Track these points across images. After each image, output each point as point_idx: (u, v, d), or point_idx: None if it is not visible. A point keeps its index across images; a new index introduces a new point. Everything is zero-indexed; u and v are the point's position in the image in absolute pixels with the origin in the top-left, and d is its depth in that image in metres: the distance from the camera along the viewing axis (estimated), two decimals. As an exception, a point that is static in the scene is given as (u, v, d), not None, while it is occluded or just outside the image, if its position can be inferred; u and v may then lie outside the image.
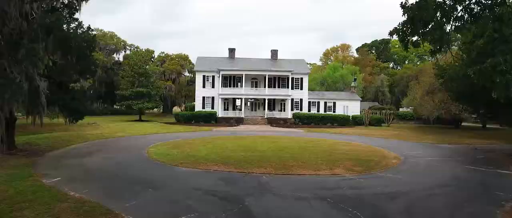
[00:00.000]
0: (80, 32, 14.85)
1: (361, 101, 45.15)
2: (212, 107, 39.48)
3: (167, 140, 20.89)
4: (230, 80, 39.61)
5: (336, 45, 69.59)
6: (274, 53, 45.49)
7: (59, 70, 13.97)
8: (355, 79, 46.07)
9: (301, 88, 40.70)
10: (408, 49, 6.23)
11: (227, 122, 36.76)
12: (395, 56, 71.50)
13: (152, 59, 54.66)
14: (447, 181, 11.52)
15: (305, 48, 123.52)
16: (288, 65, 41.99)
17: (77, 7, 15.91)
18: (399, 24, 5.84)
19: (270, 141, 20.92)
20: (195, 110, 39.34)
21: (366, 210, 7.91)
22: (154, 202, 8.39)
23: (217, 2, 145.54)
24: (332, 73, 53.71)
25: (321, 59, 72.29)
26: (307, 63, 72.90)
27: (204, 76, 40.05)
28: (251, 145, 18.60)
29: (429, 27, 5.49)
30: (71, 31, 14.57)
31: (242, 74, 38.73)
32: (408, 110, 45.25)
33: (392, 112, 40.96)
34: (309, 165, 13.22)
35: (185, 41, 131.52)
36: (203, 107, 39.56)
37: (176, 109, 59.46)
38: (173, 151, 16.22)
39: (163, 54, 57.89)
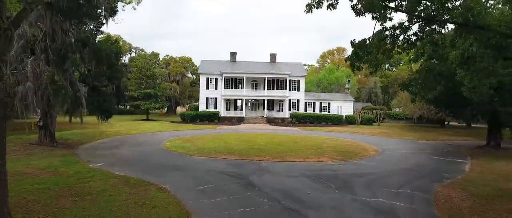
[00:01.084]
0: (109, 44, 17.69)
1: (354, 102, 48.07)
2: (215, 108, 42.38)
3: (178, 136, 23.75)
4: (232, 82, 42.49)
5: (332, 48, 72.53)
6: (273, 56, 48.38)
7: (93, 76, 16.83)
8: (348, 81, 48.96)
9: (298, 90, 43.61)
10: (359, 70, 8.88)
11: (229, 121, 39.66)
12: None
13: (158, 62, 57.47)
14: (410, 166, 14.40)
15: (305, 49, 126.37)
16: (286, 68, 44.87)
17: (104, 22, 18.83)
18: (349, 55, 8.65)
19: (269, 137, 23.78)
20: (199, 110, 42.22)
21: (337, 183, 10.81)
22: (180, 178, 11.25)
23: (218, 6, 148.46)
24: (327, 76, 56.61)
25: (318, 62, 75.27)
26: (305, 65, 75.97)
27: (207, 78, 42.92)
28: (252, 140, 21.46)
29: (365, 58, 8.28)
30: (102, 43, 17.42)
31: (243, 76, 41.64)
32: (399, 110, 48.22)
33: (382, 112, 43.90)
34: (300, 155, 16.12)
35: (185, 41, 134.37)
36: (207, 108, 42.45)
37: (180, 109, 62.26)
38: (186, 144, 19.09)
39: (168, 57, 60.80)
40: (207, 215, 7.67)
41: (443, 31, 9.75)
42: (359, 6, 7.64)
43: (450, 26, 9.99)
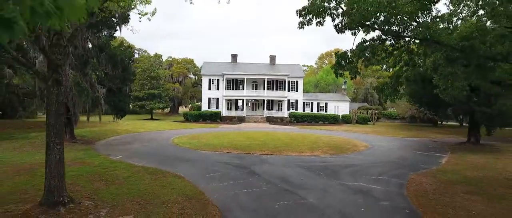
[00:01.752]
0: (123, 49, 19.47)
1: (351, 102, 49.87)
2: (217, 107, 44.17)
3: (184, 134, 25.53)
4: (233, 83, 44.28)
5: (330, 50, 74.26)
6: (272, 58, 50.19)
7: (109, 79, 18.60)
8: (345, 82, 50.73)
9: (297, 90, 45.42)
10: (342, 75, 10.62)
11: (231, 120, 41.46)
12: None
13: (161, 63, 59.24)
14: (393, 159, 16.20)
15: (304, 49, 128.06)
16: (285, 69, 46.64)
17: (117, 28, 20.62)
18: (334, 64, 10.45)
19: (268, 134, 25.56)
20: (202, 110, 44.00)
21: (326, 172, 12.61)
22: (191, 168, 13.03)
23: (218, 7, 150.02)
24: (325, 77, 58.40)
25: (316, 63, 77.10)
26: (305, 65, 77.81)
27: (209, 79, 44.70)
28: (253, 137, 23.24)
29: (346, 66, 10.05)
30: (116, 49, 19.20)
31: (244, 78, 43.44)
32: (391, 110, 50.04)
33: (377, 111, 45.69)
34: (296, 149, 17.91)
35: (185, 42, 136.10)
36: (209, 107, 44.24)
37: (182, 109, 64.00)
38: (193, 141, 20.88)
39: (171, 59, 62.62)
40: (217, 194, 9.45)
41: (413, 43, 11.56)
42: (340, 25, 9.40)
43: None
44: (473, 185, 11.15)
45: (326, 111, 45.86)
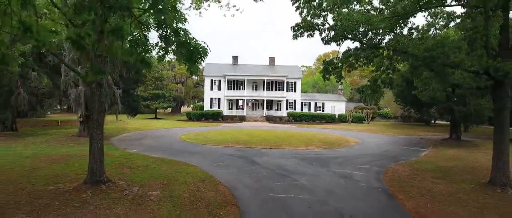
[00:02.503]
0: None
1: (347, 102, 51.86)
2: (219, 107, 46.15)
3: (190, 132, 27.48)
4: (234, 84, 46.25)
5: (328, 52, 76.28)
6: (272, 60, 52.20)
7: (123, 81, 20.55)
8: (341, 83, 52.66)
9: (295, 91, 47.41)
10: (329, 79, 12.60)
11: (232, 119, 43.44)
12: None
13: (164, 65, 61.11)
14: (378, 152, 18.16)
15: (304, 49, 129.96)
16: (284, 71, 48.61)
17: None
18: (321, 69, 12.38)
19: (268, 132, 27.52)
20: (204, 109, 45.96)
21: (318, 162, 14.59)
22: (200, 158, 14.98)
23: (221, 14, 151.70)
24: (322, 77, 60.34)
25: (314, 64, 79.11)
26: (303, 66, 79.82)
27: (211, 80, 46.66)
28: (253, 134, 25.20)
29: (333, 72, 12.00)
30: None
31: (244, 79, 45.42)
32: (388, 109, 52.03)
33: (371, 111, 47.70)
34: (292, 144, 19.88)
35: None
36: (211, 107, 46.21)
37: (184, 109, 65.92)
38: (198, 137, 22.84)
39: (174, 60, 64.36)
40: (224, 177, 11.41)
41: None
42: (326, 37, 11.34)
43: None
44: (441, 172, 13.12)
45: (323, 111, 47.86)
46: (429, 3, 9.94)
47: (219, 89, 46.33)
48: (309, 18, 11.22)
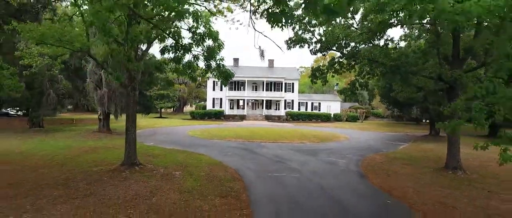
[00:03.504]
0: (148, 58, 24.00)
1: (343, 102, 54.49)
2: (220, 107, 48.77)
3: (195, 129, 30.09)
4: (235, 85, 48.86)
5: (325, 54, 78.87)
6: (271, 62, 54.84)
7: (139, 83, 23.10)
8: (337, 84, 55.41)
9: (293, 91, 50.04)
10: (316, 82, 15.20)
11: (233, 118, 46.08)
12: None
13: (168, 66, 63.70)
14: (362, 146, 20.78)
15: (303, 50, 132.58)
16: (282, 72, 51.23)
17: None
18: (310, 75, 14.91)
19: (267, 129, 30.16)
20: (207, 109, 48.59)
21: (309, 152, 17.23)
22: (209, 150, 17.59)
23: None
24: (320, 78, 63.06)
25: (312, 65, 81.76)
26: (302, 67, 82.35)
27: (214, 81, 49.22)
28: (253, 131, 27.83)
29: (319, 77, 14.59)
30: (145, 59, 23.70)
31: (245, 80, 48.05)
32: (380, 109, 54.74)
33: (365, 110, 50.39)
34: (288, 139, 22.52)
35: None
36: (213, 107, 48.83)
37: (187, 108, 68.49)
38: (204, 133, 25.46)
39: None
40: (230, 163, 14.00)
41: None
42: (313, 49, 13.94)
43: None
44: (410, 160, 15.76)
45: (319, 110, 50.51)
46: (391, 25, 12.51)
47: (221, 89, 48.92)
48: (300, 32, 13.84)
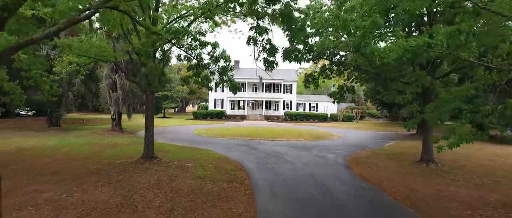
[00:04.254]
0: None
1: (339, 102, 56.57)
2: (222, 107, 50.86)
3: (199, 128, 32.18)
4: (236, 86, 50.89)
5: (316, 62, 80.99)
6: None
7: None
8: (334, 86, 57.41)
9: (291, 93, 52.16)
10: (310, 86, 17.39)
11: (234, 118, 48.18)
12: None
13: (171, 68, 65.87)
14: (353, 143, 22.88)
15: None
16: (281, 74, 53.18)
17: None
18: (304, 80, 16.92)
19: (266, 128, 32.25)
20: (209, 109, 50.69)
21: (303, 148, 19.33)
22: (214, 146, 19.67)
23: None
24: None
25: (310, 67, 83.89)
26: (301, 68, 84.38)
27: (215, 83, 51.28)
28: (254, 130, 29.91)
29: (311, 82, 16.70)
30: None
31: (245, 81, 50.13)
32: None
33: (360, 111, 52.54)
34: (286, 137, 24.61)
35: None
36: (215, 107, 50.92)
37: (188, 108, 70.55)
38: (208, 132, 27.55)
39: (179, 64, 69.25)
40: (234, 157, 16.08)
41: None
42: (306, 58, 16.03)
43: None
44: (393, 155, 17.87)
45: (316, 110, 52.63)
46: (374, 37, 14.56)
47: (222, 90, 50.96)
48: (294, 43, 15.92)
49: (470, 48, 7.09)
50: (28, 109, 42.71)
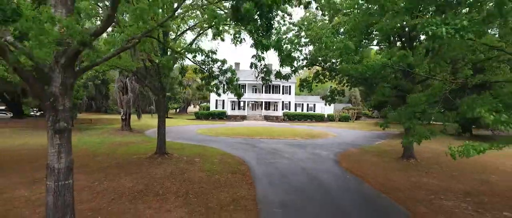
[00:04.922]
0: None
1: (336, 103, 58.50)
2: (223, 108, 52.72)
3: (202, 128, 34.02)
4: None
5: (310, 68, 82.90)
6: (270, 66, 58.76)
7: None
8: (331, 87, 59.33)
9: (290, 94, 54.02)
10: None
11: (235, 118, 50.02)
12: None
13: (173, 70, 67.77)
14: (345, 142, 24.75)
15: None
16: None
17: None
18: (299, 84, 18.97)
19: (265, 128, 34.09)
20: (210, 109, 52.53)
21: (299, 146, 21.20)
22: (217, 144, 21.51)
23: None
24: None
25: (305, 72, 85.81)
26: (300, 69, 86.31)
27: (216, 83, 53.18)
28: (253, 129, 31.77)
29: (305, 86, 18.61)
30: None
31: (246, 83, 51.97)
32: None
33: (356, 111, 54.46)
34: (283, 136, 26.47)
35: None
36: (216, 108, 52.77)
37: (190, 109, 72.36)
38: (211, 131, 29.40)
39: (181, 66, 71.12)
40: (237, 154, 17.93)
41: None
42: (300, 65, 17.91)
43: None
44: (379, 152, 19.72)
45: (314, 111, 54.51)
46: (360, 46, 16.43)
47: (224, 92, 52.78)
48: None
49: (421, 66, 8.96)
50: (37, 109, 44.57)
